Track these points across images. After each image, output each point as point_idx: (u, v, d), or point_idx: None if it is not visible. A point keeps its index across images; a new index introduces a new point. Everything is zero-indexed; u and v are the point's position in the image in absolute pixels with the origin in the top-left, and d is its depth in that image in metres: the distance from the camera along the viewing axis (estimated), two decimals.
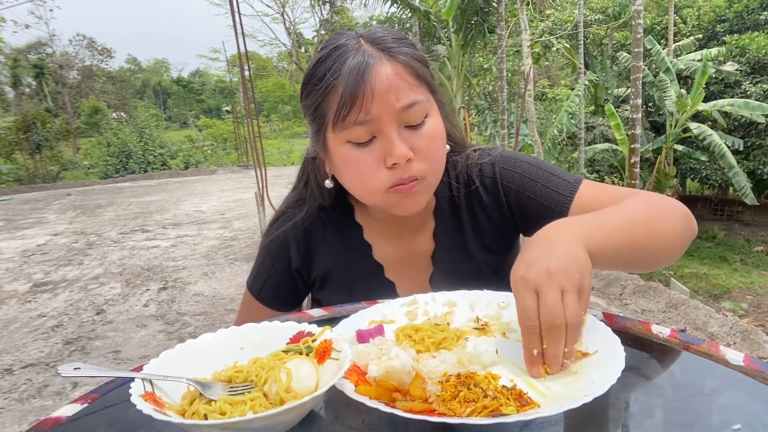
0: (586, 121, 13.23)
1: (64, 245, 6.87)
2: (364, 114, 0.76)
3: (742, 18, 14.17)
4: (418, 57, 0.82)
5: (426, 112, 0.80)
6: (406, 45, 0.82)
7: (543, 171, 0.88)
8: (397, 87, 0.76)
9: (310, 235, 0.96)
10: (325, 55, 0.80)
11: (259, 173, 5.28)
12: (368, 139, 0.78)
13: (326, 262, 0.96)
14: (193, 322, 3.90)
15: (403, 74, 0.78)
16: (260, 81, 30.27)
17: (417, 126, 0.79)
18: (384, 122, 0.76)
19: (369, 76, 0.75)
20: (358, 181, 0.82)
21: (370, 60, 0.76)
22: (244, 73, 5.37)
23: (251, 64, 6.85)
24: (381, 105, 0.76)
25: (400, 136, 0.77)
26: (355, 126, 0.76)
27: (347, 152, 0.79)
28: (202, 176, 15.67)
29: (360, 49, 0.78)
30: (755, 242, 12.68)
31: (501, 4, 9.30)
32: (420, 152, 0.79)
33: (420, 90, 0.79)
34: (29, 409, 2.81)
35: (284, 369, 0.54)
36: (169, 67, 61.64)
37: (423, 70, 0.82)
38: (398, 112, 0.77)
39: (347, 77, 0.75)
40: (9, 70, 28.34)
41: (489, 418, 0.48)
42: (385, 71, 0.76)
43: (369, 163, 0.78)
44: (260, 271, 0.99)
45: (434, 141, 0.81)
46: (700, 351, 0.61)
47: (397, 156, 0.76)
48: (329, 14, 18.23)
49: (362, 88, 0.75)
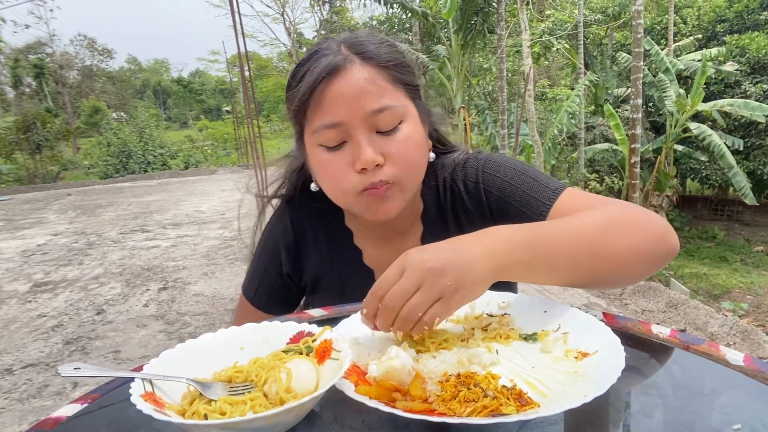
0: (586, 121, 13.24)
1: (64, 245, 6.87)
2: (333, 117, 0.75)
3: (742, 18, 14.18)
4: (397, 61, 0.80)
5: (400, 117, 0.78)
6: (387, 49, 0.80)
7: (525, 176, 0.86)
8: (366, 91, 0.75)
9: (301, 239, 0.96)
10: (305, 59, 0.80)
11: (259, 173, 5.28)
12: (339, 142, 0.77)
13: (317, 266, 0.96)
14: (193, 322, 3.90)
15: (376, 78, 0.77)
16: (260, 81, 30.29)
17: (389, 132, 0.77)
18: (353, 126, 0.76)
19: (339, 79, 0.75)
20: (330, 184, 0.82)
21: (342, 63, 0.76)
22: (245, 74, 5.37)
23: (251, 64, 6.86)
24: (349, 109, 0.75)
25: (370, 141, 0.76)
26: (324, 129, 0.76)
27: (320, 155, 0.79)
28: (202, 176, 15.68)
29: (337, 52, 0.77)
30: (755, 242, 12.69)
31: (501, 4, 9.30)
32: (391, 157, 0.77)
33: (394, 95, 0.78)
34: (29, 409, 2.81)
35: (284, 369, 0.54)
36: (169, 67, 61.70)
37: (401, 75, 0.80)
38: (368, 116, 0.75)
39: (315, 78, 0.75)
40: (9, 70, 28.34)
41: (489, 418, 0.48)
42: (356, 75, 0.76)
43: (340, 166, 0.78)
44: (253, 275, 0.99)
45: (407, 146, 0.79)
46: (700, 351, 0.61)
47: (365, 161, 0.75)
48: (329, 14, 18.23)
49: (330, 90, 0.75)
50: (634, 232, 0.69)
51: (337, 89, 0.75)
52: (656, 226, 0.71)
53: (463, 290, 0.59)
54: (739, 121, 12.16)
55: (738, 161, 11.20)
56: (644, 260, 0.69)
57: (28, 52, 31.34)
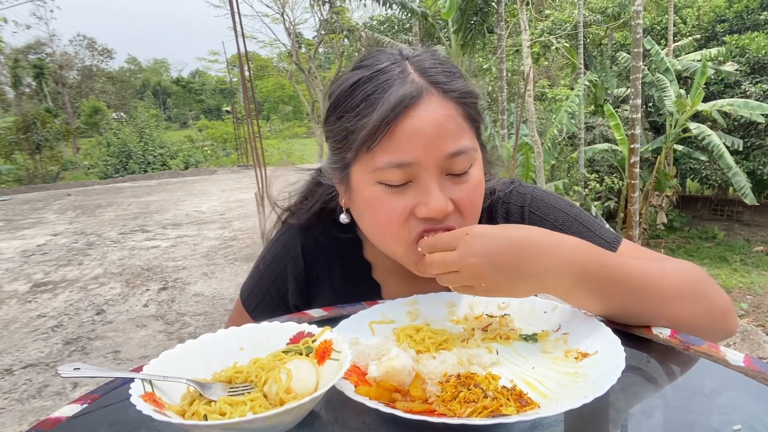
0: (585, 121, 13.24)
1: (64, 245, 6.87)
2: (406, 156, 0.66)
3: (741, 18, 14.18)
4: (471, 94, 0.72)
5: (472, 161, 0.71)
6: (460, 78, 0.72)
7: (578, 224, 0.79)
8: (445, 131, 0.67)
9: (313, 269, 0.87)
10: (365, 78, 0.69)
11: (259, 173, 5.28)
12: (403, 182, 0.68)
13: (328, 300, 0.86)
14: (193, 323, 3.90)
15: (455, 116, 0.69)
16: (260, 81, 30.27)
17: (460, 175, 0.70)
18: (425, 168, 0.67)
19: (417, 114, 0.66)
20: (381, 227, 0.72)
21: (419, 93, 0.67)
22: (244, 74, 5.37)
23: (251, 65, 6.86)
24: (426, 149, 0.66)
25: (440, 186, 0.68)
26: (390, 168, 0.67)
27: (375, 194, 0.70)
28: (202, 176, 15.67)
29: (407, 78, 0.68)
30: (755, 242, 12.69)
31: (501, 4, 9.31)
32: (460, 205, 0.70)
33: (469, 135, 0.71)
34: (29, 409, 2.81)
35: (284, 369, 0.54)
36: (169, 67, 61.67)
37: (474, 110, 0.72)
38: (444, 159, 0.67)
39: (391, 111, 0.65)
40: (9, 70, 28.33)
41: (489, 418, 0.48)
42: (436, 110, 0.67)
43: (398, 210, 0.69)
44: (255, 290, 0.91)
45: (476, 192, 0.72)
46: (700, 351, 0.61)
47: (434, 209, 0.67)
48: (329, 14, 18.23)
49: (405, 125, 0.66)
50: (701, 302, 0.66)
51: (414, 125, 0.66)
52: (723, 303, 0.68)
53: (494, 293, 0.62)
54: (738, 121, 12.16)
55: (738, 161, 11.21)
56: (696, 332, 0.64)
57: (28, 52, 31.32)
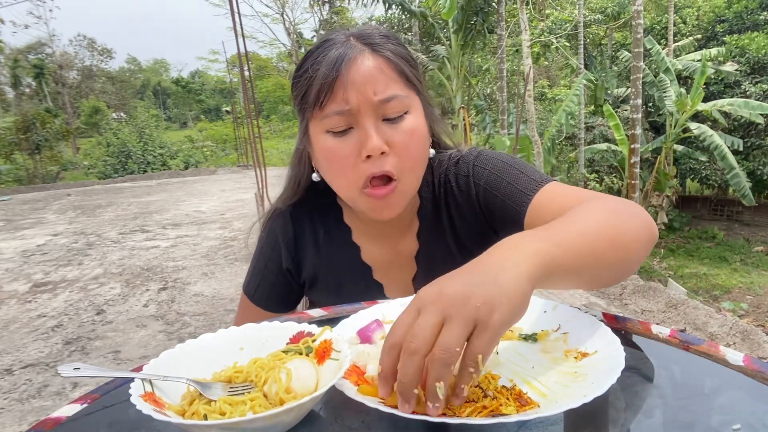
0: (585, 121, 13.24)
1: (64, 245, 6.87)
2: (343, 104, 0.77)
3: (741, 18, 14.18)
4: (403, 55, 0.83)
5: (406, 108, 0.80)
6: (393, 42, 0.83)
7: (513, 169, 0.86)
8: (375, 79, 0.77)
9: (300, 236, 0.96)
10: (314, 49, 0.82)
11: (259, 173, 5.28)
12: (346, 128, 0.79)
13: (315, 263, 0.96)
14: (193, 323, 3.90)
15: (385, 68, 0.79)
16: (260, 81, 30.27)
17: (395, 119, 0.79)
18: (361, 113, 0.77)
19: (349, 66, 0.77)
20: (335, 172, 0.83)
21: (351, 52, 0.78)
22: (244, 74, 5.37)
23: (251, 65, 6.86)
24: (358, 95, 0.77)
25: (377, 129, 0.78)
26: (333, 115, 0.78)
27: (326, 142, 0.80)
28: (202, 176, 15.67)
29: (347, 43, 0.80)
30: (755, 242, 12.68)
31: (501, 4, 9.31)
32: (396, 147, 0.79)
33: (401, 86, 0.80)
34: (29, 409, 2.81)
35: (284, 369, 0.54)
36: (169, 67, 61.71)
37: (407, 68, 0.82)
38: (376, 104, 0.77)
39: (327, 66, 0.77)
40: (9, 70, 28.33)
41: (489, 418, 0.48)
42: (366, 63, 0.78)
43: (346, 154, 0.79)
44: (254, 272, 1.00)
45: (412, 138, 0.80)
46: (700, 351, 0.61)
47: (371, 147, 0.76)
48: (329, 14, 18.24)
49: (341, 77, 0.76)
50: (633, 221, 0.69)
51: (348, 77, 0.76)
52: (645, 214, 0.73)
53: (501, 307, 0.47)
54: (739, 121, 12.15)
55: (738, 161, 11.20)
56: (644, 247, 0.69)
57: (27, 52, 31.31)
